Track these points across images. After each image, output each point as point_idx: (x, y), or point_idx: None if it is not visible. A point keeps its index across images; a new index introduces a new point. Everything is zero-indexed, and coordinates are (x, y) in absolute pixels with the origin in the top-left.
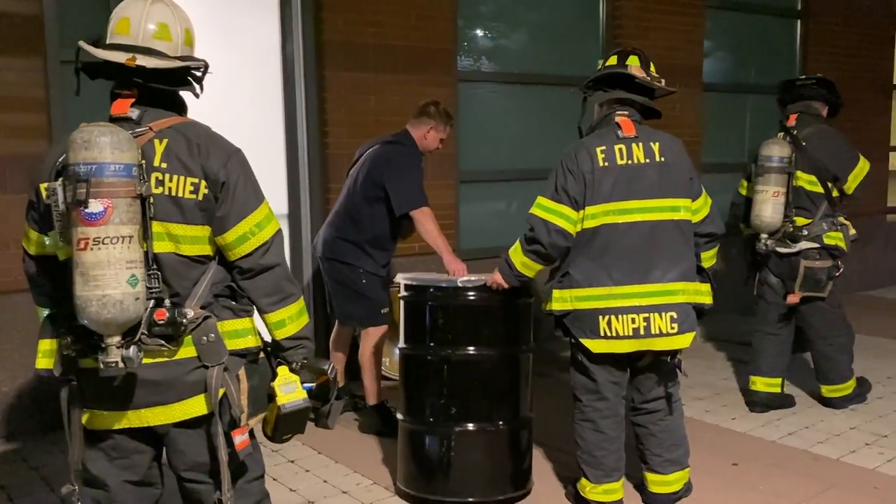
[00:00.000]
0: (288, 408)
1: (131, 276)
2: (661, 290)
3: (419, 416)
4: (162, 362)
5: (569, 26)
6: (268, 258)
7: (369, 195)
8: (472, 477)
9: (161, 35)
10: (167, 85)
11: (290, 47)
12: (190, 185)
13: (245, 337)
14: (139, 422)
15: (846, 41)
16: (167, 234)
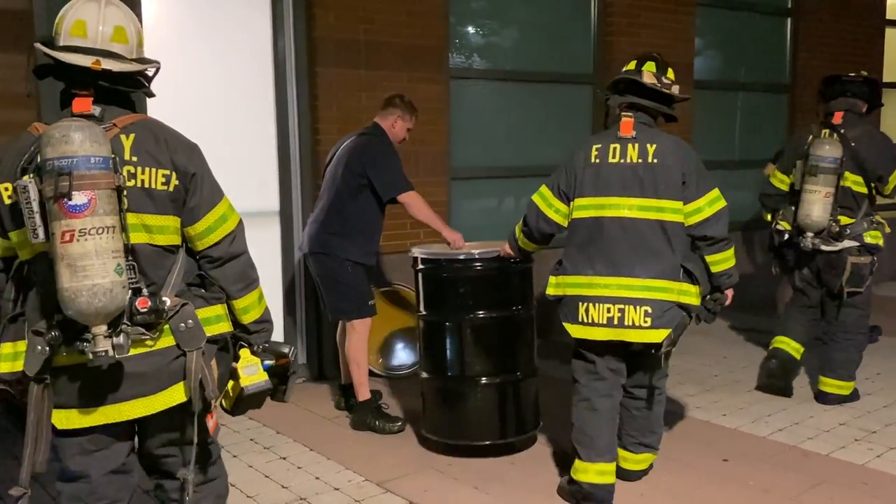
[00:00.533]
0: (251, 389)
1: (117, 266)
2: (638, 284)
3: (439, 372)
4: (144, 353)
5: (560, 23)
6: (235, 246)
7: (352, 186)
8: (486, 422)
9: (118, 38)
10: (126, 86)
11: (282, 43)
12: (161, 176)
13: (219, 323)
14: (119, 416)
15: (836, 39)
16: (142, 224)
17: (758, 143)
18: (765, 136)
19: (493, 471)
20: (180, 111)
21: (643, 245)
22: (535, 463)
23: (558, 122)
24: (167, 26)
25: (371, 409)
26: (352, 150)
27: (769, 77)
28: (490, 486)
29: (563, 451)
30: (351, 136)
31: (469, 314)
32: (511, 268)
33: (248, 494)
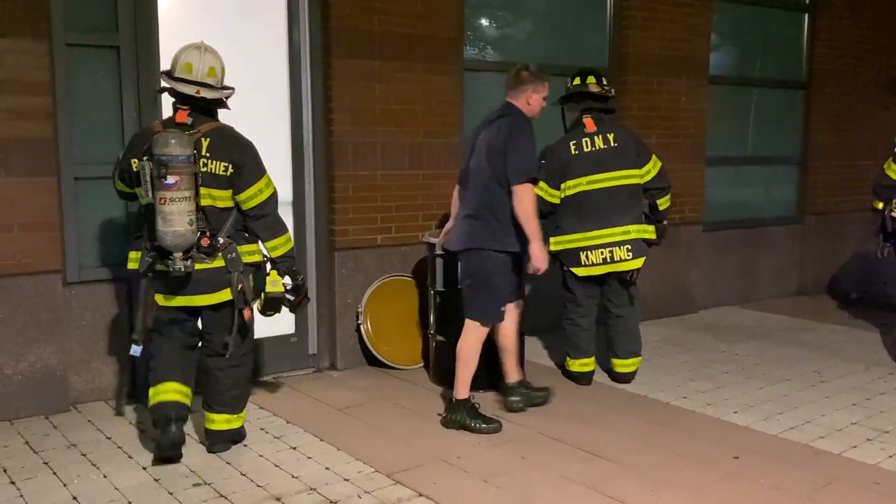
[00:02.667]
0: (270, 294)
1: (190, 220)
2: (618, 231)
3: (448, 334)
4: (205, 268)
5: (576, 16)
6: (264, 210)
7: (500, 175)
8: (481, 373)
9: (210, 74)
10: (213, 106)
11: (297, 33)
12: (223, 166)
13: (252, 255)
14: (189, 303)
15: (853, 35)
16: (209, 195)
17: (772, 139)
18: (779, 133)
19: (503, 464)
20: None
21: (619, 204)
22: (545, 457)
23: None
24: (182, 17)
25: (467, 409)
26: (492, 138)
27: (785, 73)
28: (499, 479)
29: (562, 451)
30: (485, 124)
31: None
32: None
33: (258, 483)
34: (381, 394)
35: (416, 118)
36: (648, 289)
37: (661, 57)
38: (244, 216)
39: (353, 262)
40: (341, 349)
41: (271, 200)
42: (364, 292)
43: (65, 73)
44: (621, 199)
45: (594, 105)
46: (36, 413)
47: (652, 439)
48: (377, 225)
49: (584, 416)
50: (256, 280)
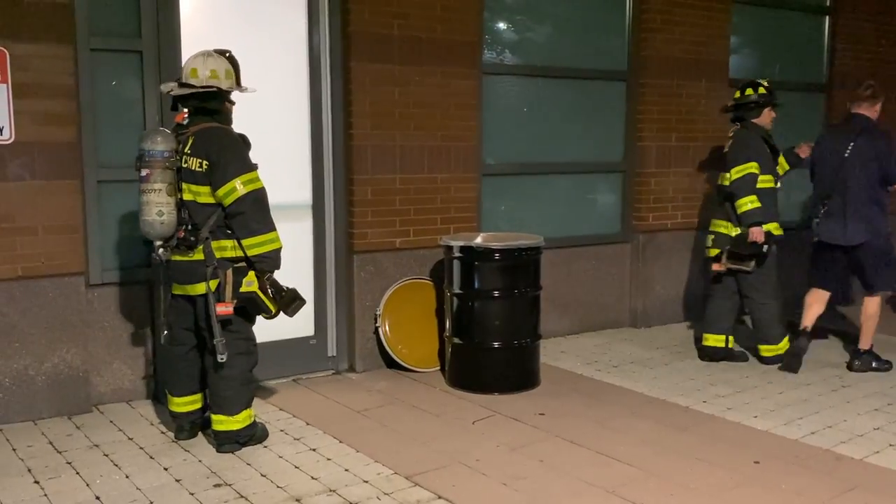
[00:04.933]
0: (242, 294)
1: (158, 211)
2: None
3: (464, 336)
4: (187, 260)
5: (595, 20)
6: (240, 207)
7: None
8: (498, 376)
9: (213, 77)
10: (207, 104)
11: (317, 38)
12: (198, 162)
13: (225, 250)
14: (183, 292)
15: (875, 38)
16: (189, 190)
17: (792, 142)
18: (800, 135)
19: (522, 467)
20: None
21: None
22: (564, 460)
23: (591, 119)
24: (203, 20)
25: (873, 355)
26: (871, 147)
27: (806, 76)
28: (518, 482)
29: (581, 455)
30: (849, 136)
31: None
32: (524, 257)
33: (278, 485)
34: (400, 396)
35: (435, 122)
36: (667, 293)
37: (681, 60)
38: (225, 213)
39: (371, 264)
40: (360, 351)
41: (248, 198)
42: (382, 295)
43: (89, 77)
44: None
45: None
46: (59, 414)
47: (671, 443)
48: (396, 228)
49: (603, 419)
50: (237, 277)
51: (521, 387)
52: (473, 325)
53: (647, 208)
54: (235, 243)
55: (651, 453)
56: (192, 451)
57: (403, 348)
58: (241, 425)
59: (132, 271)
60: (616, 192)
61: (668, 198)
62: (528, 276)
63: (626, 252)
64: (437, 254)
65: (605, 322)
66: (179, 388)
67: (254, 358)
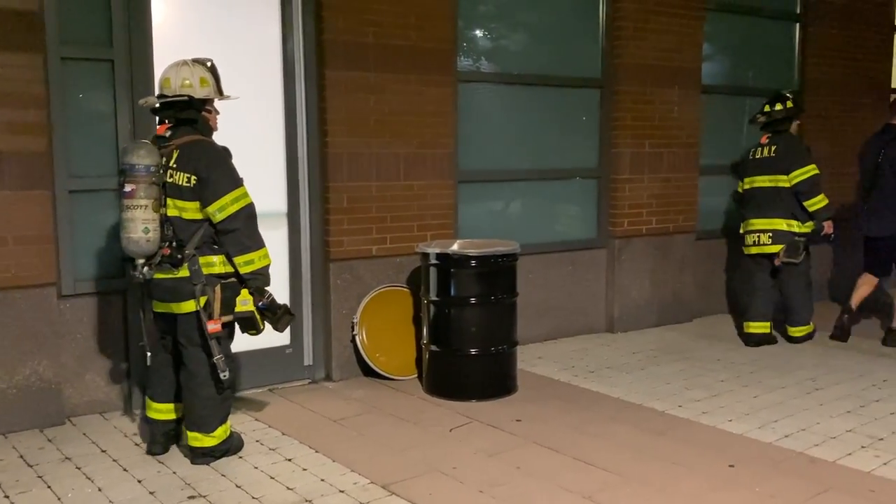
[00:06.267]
0: (239, 314)
1: (144, 228)
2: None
3: (441, 343)
4: (171, 277)
5: (568, 27)
6: (232, 224)
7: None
8: (475, 383)
9: (185, 86)
10: (185, 114)
11: (291, 45)
12: (185, 177)
13: (217, 266)
14: (164, 309)
15: (844, 45)
16: (175, 205)
17: None
18: None
19: (499, 474)
20: None
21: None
22: (541, 467)
23: (566, 126)
24: (176, 28)
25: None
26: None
27: (777, 83)
28: (495, 489)
29: (558, 461)
30: (881, 143)
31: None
32: (500, 264)
33: (253, 496)
34: (377, 404)
35: (411, 129)
36: (643, 298)
37: (654, 67)
38: (215, 229)
39: (348, 272)
40: (337, 360)
41: (241, 215)
42: (359, 303)
43: (60, 86)
44: (772, 197)
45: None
46: (31, 426)
47: (648, 448)
48: (372, 235)
49: (581, 425)
50: (226, 293)
51: (498, 393)
52: (450, 333)
53: (621, 214)
54: (224, 259)
55: (628, 458)
56: (166, 462)
57: (381, 356)
58: (218, 441)
59: (105, 281)
60: (591, 198)
61: (643, 203)
62: (504, 282)
63: (601, 257)
64: (413, 261)
65: (582, 327)
66: (162, 393)
67: (233, 375)
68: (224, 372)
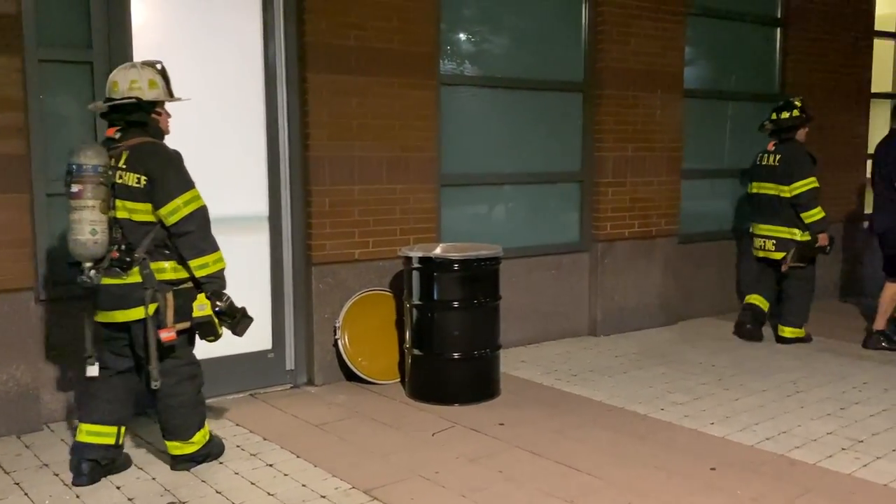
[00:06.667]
0: (197, 319)
1: (91, 230)
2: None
3: (424, 347)
4: (120, 283)
5: (551, 31)
6: (186, 226)
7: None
8: (458, 387)
9: (132, 88)
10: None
11: (273, 48)
12: (135, 178)
13: (164, 272)
14: (110, 319)
15: (825, 50)
16: (124, 207)
17: (747, 152)
18: (754, 145)
19: (481, 478)
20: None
21: (772, 208)
22: (523, 471)
23: (549, 130)
24: (156, 30)
25: (885, 336)
26: (891, 155)
27: (759, 86)
28: (477, 494)
29: (540, 465)
30: (883, 146)
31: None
32: (483, 267)
33: (233, 502)
34: (359, 409)
35: (394, 132)
36: (626, 301)
37: (636, 71)
38: (168, 232)
39: (330, 276)
40: (319, 365)
41: (195, 217)
42: (342, 307)
43: (37, 89)
44: (775, 205)
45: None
46: (8, 433)
47: (630, 452)
48: (354, 239)
49: (563, 429)
50: (179, 300)
51: (481, 397)
52: (433, 337)
53: (605, 218)
54: (175, 264)
55: (610, 462)
56: (145, 468)
57: (363, 360)
58: (198, 446)
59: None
60: (574, 201)
61: (626, 207)
62: (487, 286)
63: (584, 261)
64: (396, 265)
65: (565, 331)
66: (94, 413)
67: (199, 380)
68: (156, 381)
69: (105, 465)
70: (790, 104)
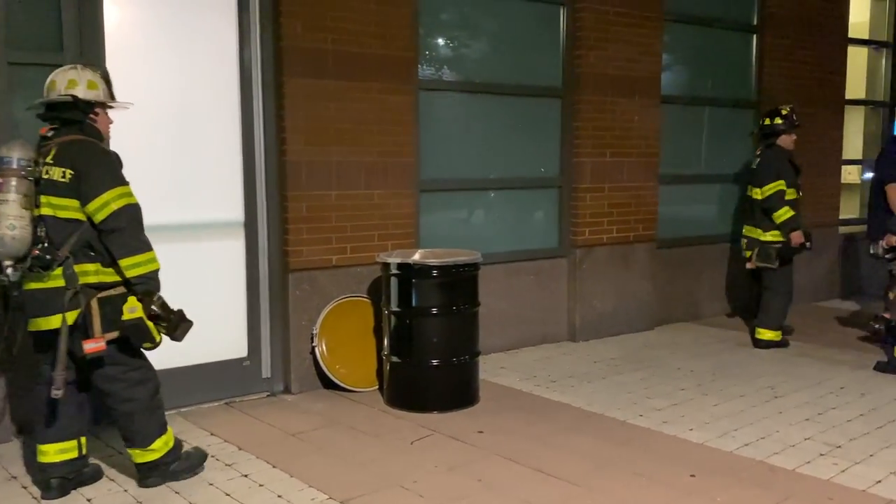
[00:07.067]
0: (127, 323)
1: (10, 224)
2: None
3: (403, 355)
4: (42, 287)
5: (530, 37)
6: (116, 222)
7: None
8: (437, 395)
9: (70, 86)
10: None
11: (248, 52)
12: (61, 172)
13: (87, 275)
14: (34, 327)
15: (801, 56)
16: (49, 203)
17: (723, 158)
18: (730, 151)
19: (460, 487)
20: (142, 119)
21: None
22: (503, 479)
23: (528, 135)
24: (130, 33)
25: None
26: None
27: (735, 93)
28: (456, 503)
29: (520, 473)
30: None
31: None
32: (462, 273)
33: None
34: (337, 417)
35: (372, 137)
36: (604, 306)
37: (614, 77)
38: (98, 231)
39: (307, 283)
40: (296, 372)
41: (124, 213)
42: (319, 314)
43: (7, 92)
44: (752, 206)
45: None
46: None
47: (610, 459)
48: (332, 245)
49: (542, 436)
50: (106, 308)
51: (460, 404)
52: (412, 343)
53: (583, 223)
54: (99, 267)
55: (590, 469)
56: (117, 480)
57: (341, 368)
58: (161, 453)
59: None
60: (553, 207)
61: (604, 213)
62: (466, 292)
63: (563, 267)
64: (374, 271)
65: (545, 336)
66: (49, 432)
67: (152, 383)
68: (58, 391)
69: (73, 479)
70: (776, 111)
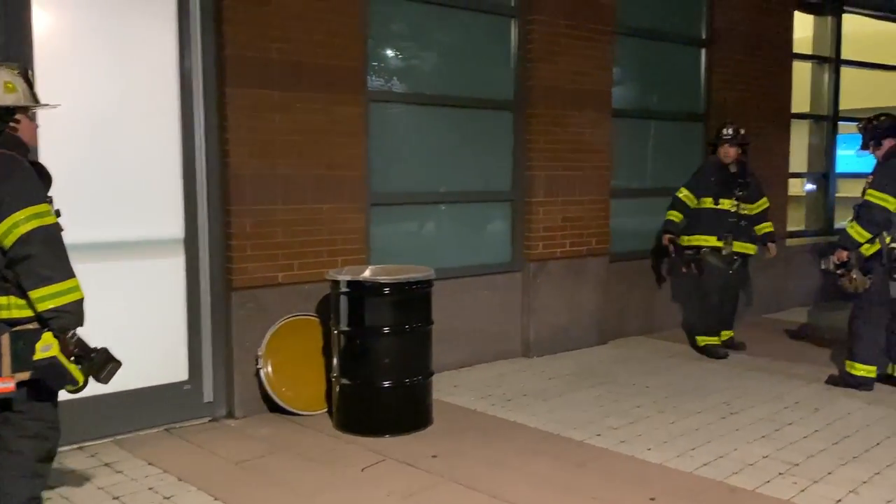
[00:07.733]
0: (39, 363)
1: None
2: None
3: (353, 376)
4: None
5: (481, 49)
6: (25, 249)
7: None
8: (388, 418)
9: None
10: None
11: (189, 60)
12: None
13: (2, 309)
14: None
15: (748, 70)
16: None
17: (672, 171)
18: (679, 164)
19: None
20: (75, 130)
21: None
22: None
23: (480, 148)
24: (60, 38)
25: None
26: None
27: (685, 106)
28: None
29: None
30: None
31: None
32: (415, 291)
33: None
34: (283, 443)
35: (320, 149)
36: (559, 321)
37: (565, 90)
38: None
39: (252, 302)
40: (240, 396)
41: (34, 238)
42: (264, 334)
43: None
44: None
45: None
46: None
47: (568, 482)
48: (278, 262)
49: (499, 459)
50: (18, 343)
51: (413, 427)
52: (362, 364)
53: (536, 237)
54: (11, 300)
55: (548, 494)
56: None
57: (287, 391)
58: None
59: None
60: (506, 221)
61: (557, 226)
62: (419, 310)
63: (517, 281)
64: (323, 288)
65: (498, 352)
66: None
67: (48, 444)
68: None
69: None
70: (722, 124)
